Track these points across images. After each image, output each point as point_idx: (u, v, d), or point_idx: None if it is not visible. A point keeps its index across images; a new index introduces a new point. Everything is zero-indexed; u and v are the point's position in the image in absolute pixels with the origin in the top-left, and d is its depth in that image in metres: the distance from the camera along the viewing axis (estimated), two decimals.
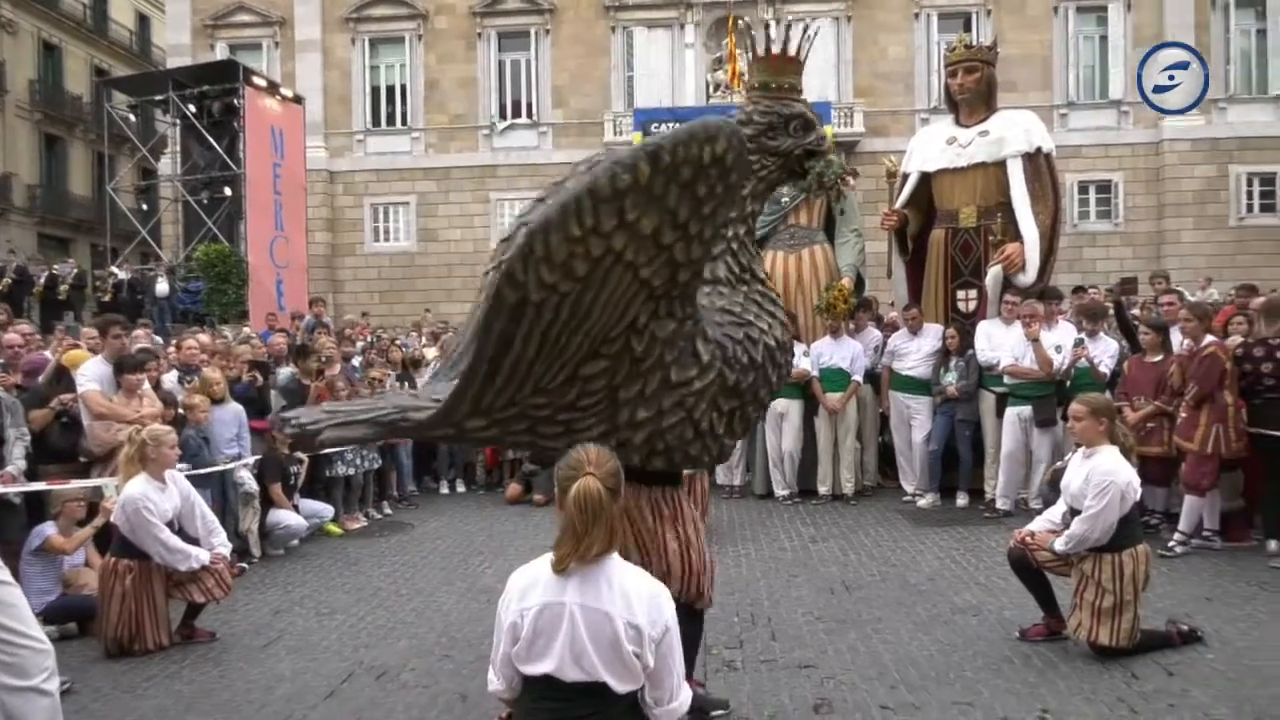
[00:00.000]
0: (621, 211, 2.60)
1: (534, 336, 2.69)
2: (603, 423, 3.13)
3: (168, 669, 4.61)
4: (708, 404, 3.25)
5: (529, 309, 2.60)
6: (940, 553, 6.38)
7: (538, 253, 2.55)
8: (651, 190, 2.63)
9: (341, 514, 7.89)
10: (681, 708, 2.34)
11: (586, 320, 2.76)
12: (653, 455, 3.28)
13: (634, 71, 24.92)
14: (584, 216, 2.56)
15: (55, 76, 29.98)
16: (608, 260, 2.65)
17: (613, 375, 3.04)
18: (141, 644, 4.80)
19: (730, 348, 3.33)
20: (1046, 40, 23.94)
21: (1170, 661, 4.20)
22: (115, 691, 4.35)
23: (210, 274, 17.92)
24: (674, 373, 3.13)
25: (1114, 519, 4.16)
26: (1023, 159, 8.01)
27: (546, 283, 2.58)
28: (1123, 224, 24.05)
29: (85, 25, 31.02)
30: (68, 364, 6.41)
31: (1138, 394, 6.61)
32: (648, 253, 2.74)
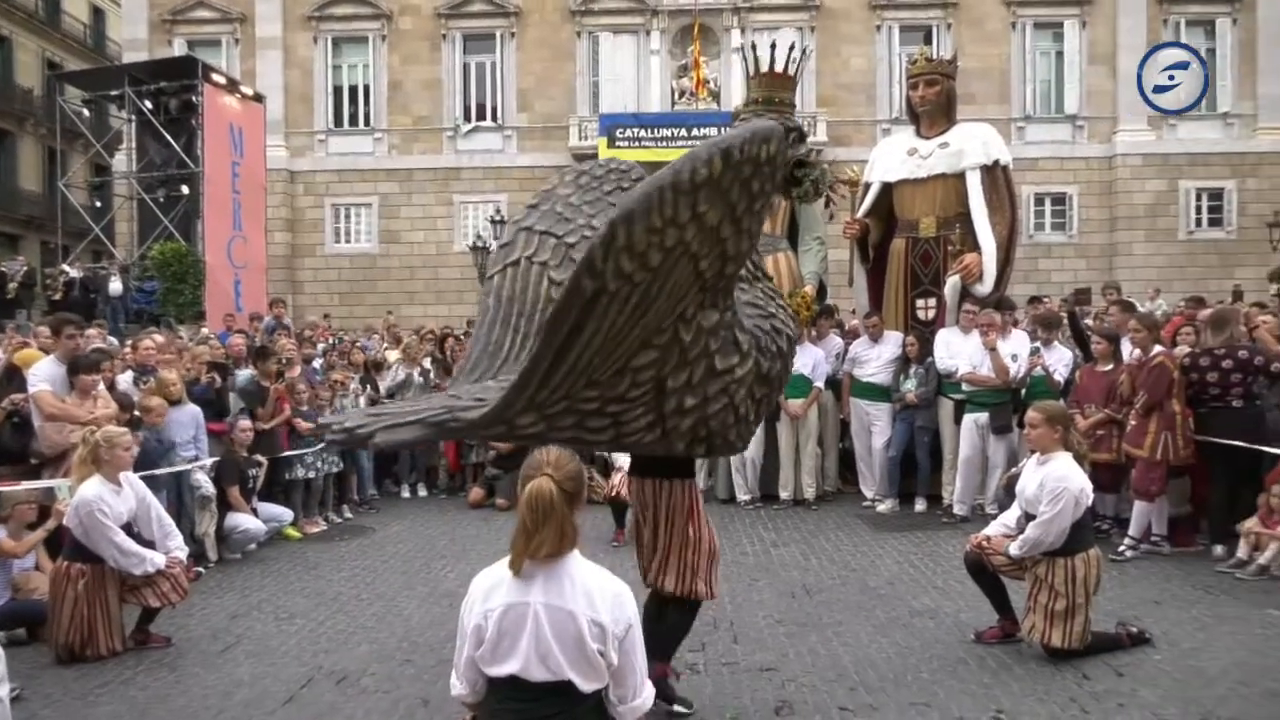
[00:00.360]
0: (695, 204, 2.73)
1: (602, 329, 2.77)
2: (650, 412, 3.26)
3: (121, 675, 4.53)
4: (746, 391, 3.43)
5: (603, 299, 2.67)
6: (899, 557, 6.48)
7: (620, 242, 2.62)
8: (721, 184, 2.76)
9: (301, 518, 7.79)
10: (645, 705, 2.37)
11: (648, 312, 2.87)
12: (696, 442, 3.43)
13: (599, 76, 24.96)
14: (665, 208, 2.67)
15: (5, 69, 29.22)
16: (677, 251, 2.77)
17: (662, 365, 3.16)
18: (94, 649, 4.70)
19: (761, 337, 3.53)
20: (1005, 54, 24.44)
21: (1120, 663, 4.32)
22: (66, 698, 4.26)
23: (166, 273, 17.58)
24: (718, 361, 3.29)
25: (1067, 524, 4.26)
26: (981, 171, 8.18)
27: (624, 272, 2.66)
28: (1077, 236, 24.61)
29: (37, 17, 30.27)
30: (19, 363, 6.27)
31: (1089, 402, 6.78)
32: (709, 245, 2.87)
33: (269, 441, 7.54)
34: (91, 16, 33.00)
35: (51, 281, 18.06)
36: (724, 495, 8.64)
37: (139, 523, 4.95)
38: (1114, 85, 24.16)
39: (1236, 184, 24.04)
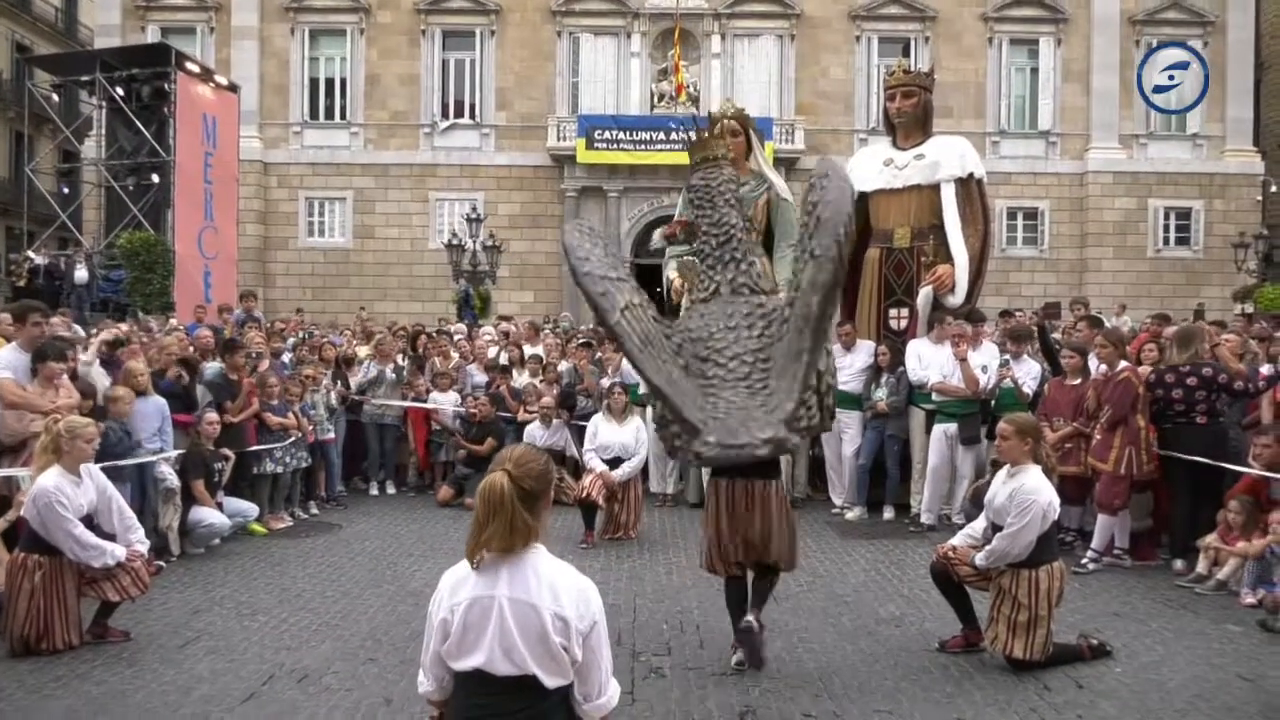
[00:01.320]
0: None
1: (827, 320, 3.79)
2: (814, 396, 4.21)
3: (77, 669, 4.44)
4: None
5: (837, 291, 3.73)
6: (866, 565, 6.52)
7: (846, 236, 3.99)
8: None
9: (267, 513, 7.69)
10: (610, 703, 2.37)
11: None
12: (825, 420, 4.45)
13: (579, 77, 24.95)
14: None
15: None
16: None
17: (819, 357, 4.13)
18: (50, 643, 4.61)
19: None
20: (981, 69, 24.77)
21: (1081, 674, 4.37)
22: (20, 692, 4.17)
23: (134, 263, 17.30)
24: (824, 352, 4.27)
25: (1034, 537, 4.31)
26: (956, 183, 8.27)
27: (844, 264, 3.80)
28: (1048, 250, 24.97)
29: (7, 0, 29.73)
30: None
31: (1057, 415, 6.86)
32: None
33: (237, 435, 7.44)
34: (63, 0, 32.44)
35: (16, 268, 17.73)
36: (694, 499, 8.63)
37: (99, 515, 4.86)
38: (1087, 102, 24.57)
39: (1204, 204, 24.53)
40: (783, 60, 24.88)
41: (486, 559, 2.31)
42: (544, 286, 24.75)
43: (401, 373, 9.46)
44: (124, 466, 6.07)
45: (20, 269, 17.52)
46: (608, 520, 7.30)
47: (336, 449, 8.85)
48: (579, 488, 7.29)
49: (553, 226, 24.66)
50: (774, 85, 24.84)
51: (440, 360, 9.87)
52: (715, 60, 24.73)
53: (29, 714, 3.95)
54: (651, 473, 8.77)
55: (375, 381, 9.26)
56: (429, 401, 9.25)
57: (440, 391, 9.31)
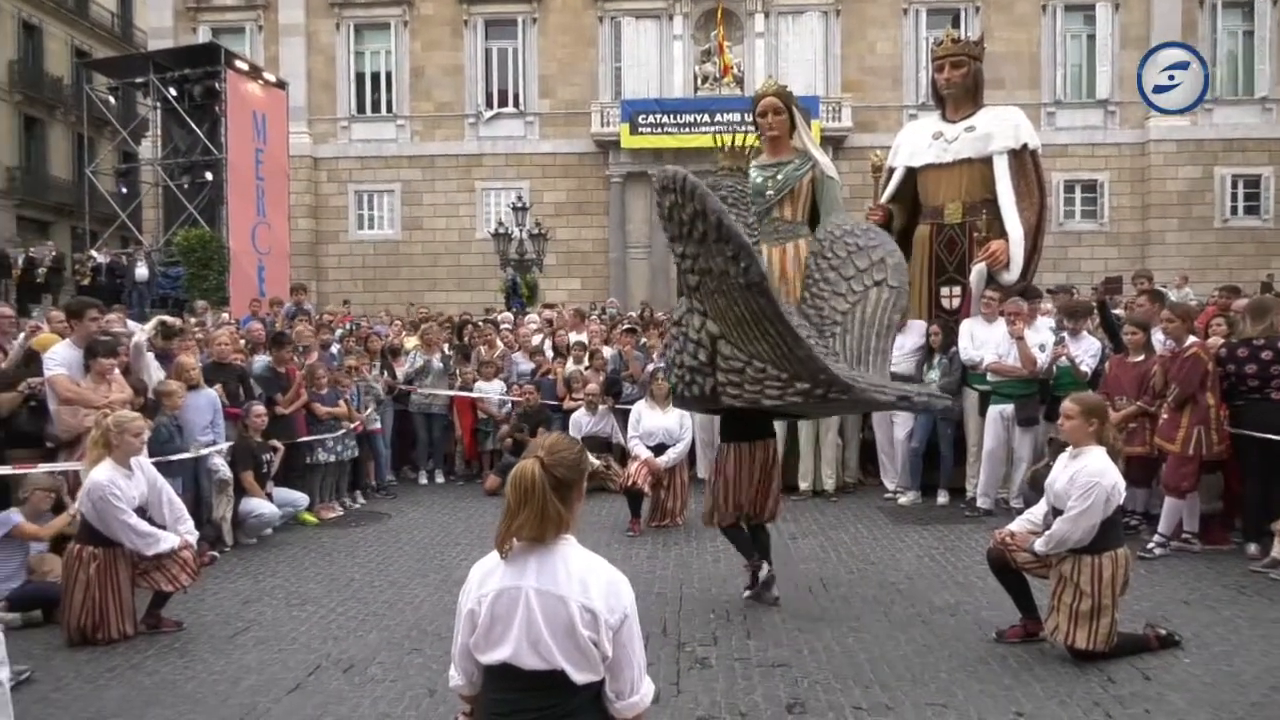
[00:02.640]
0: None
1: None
2: None
3: (131, 659, 4.52)
4: None
5: None
6: (920, 551, 6.35)
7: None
8: None
9: (317, 503, 7.78)
10: (643, 702, 2.29)
11: None
12: None
13: (622, 62, 24.78)
14: None
15: (36, 58, 29.51)
16: None
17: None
18: (105, 633, 4.70)
19: None
20: (1035, 38, 23.99)
21: (1147, 666, 4.17)
22: (77, 682, 4.25)
23: (190, 259, 17.71)
24: None
25: (1096, 521, 4.12)
26: (1009, 155, 7.98)
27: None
28: (1108, 224, 24.17)
29: (66, 6, 30.53)
30: (37, 347, 6.28)
31: (1119, 394, 6.58)
32: None
33: (287, 427, 7.53)
34: (119, 5, 33.26)
35: (80, 267, 18.26)
36: None
37: (150, 507, 4.93)
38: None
39: (1275, 171, 23.48)
40: (828, 37, 24.40)
41: (516, 549, 2.25)
42: (591, 273, 24.73)
43: (448, 362, 9.49)
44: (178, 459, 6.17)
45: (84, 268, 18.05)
46: (654, 507, 7.23)
47: (384, 439, 8.93)
48: (625, 475, 7.22)
49: (598, 213, 24.60)
50: (819, 63, 24.38)
51: (485, 349, 9.88)
52: (759, 39, 24.34)
53: (85, 703, 4.02)
54: (699, 459, 8.67)
55: (422, 371, 9.31)
56: (475, 390, 9.27)
57: (485, 380, 9.32)
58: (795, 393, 4.75)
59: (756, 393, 4.85)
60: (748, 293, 4.44)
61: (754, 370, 4.77)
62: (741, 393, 4.88)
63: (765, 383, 4.78)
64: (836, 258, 5.67)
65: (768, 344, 4.63)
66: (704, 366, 4.92)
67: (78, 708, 3.96)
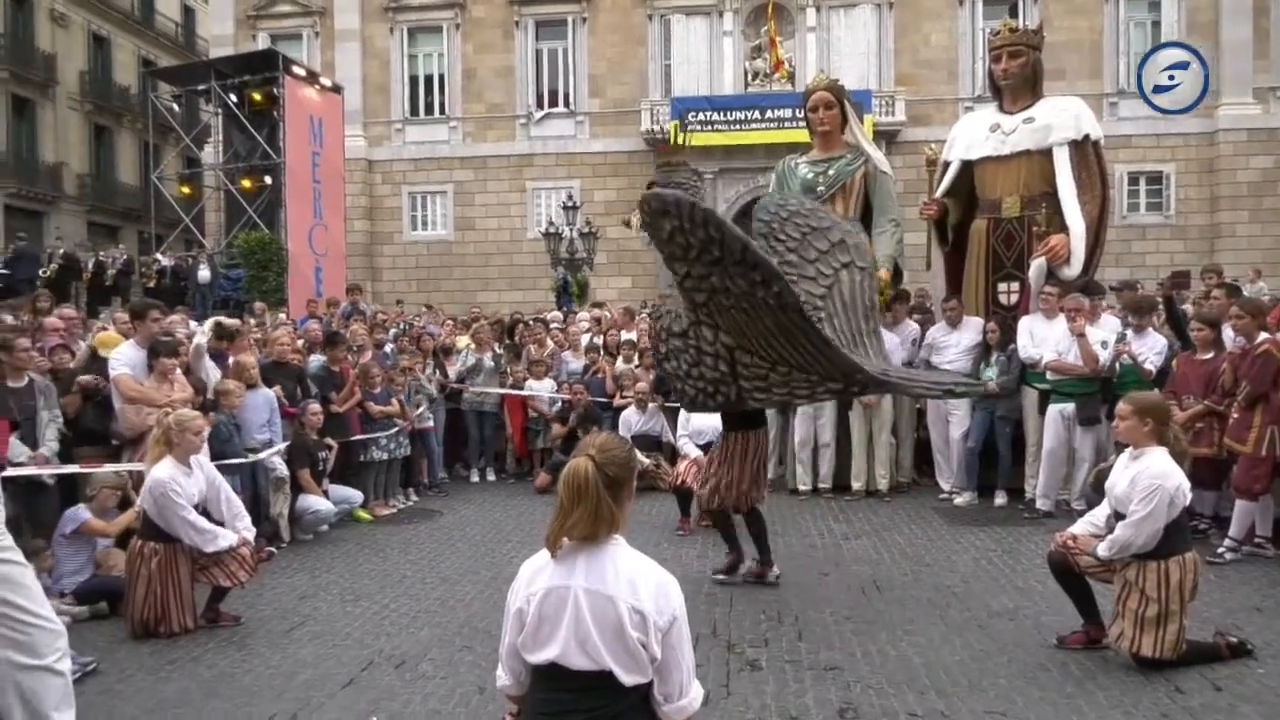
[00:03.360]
0: None
1: None
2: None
3: (192, 652, 4.62)
4: None
5: None
6: (976, 553, 6.20)
7: None
8: None
9: (371, 500, 7.90)
10: (692, 705, 2.26)
11: None
12: None
13: (671, 60, 24.72)
14: None
15: (104, 68, 30.56)
16: None
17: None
18: (167, 626, 4.82)
19: None
20: (1096, 26, 23.32)
21: (1218, 676, 4.00)
22: (140, 673, 4.36)
23: (250, 261, 18.14)
24: None
25: (1161, 525, 3.97)
26: (1070, 146, 7.74)
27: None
28: (1174, 217, 23.39)
29: (133, 17, 31.55)
30: (98, 345, 6.47)
31: (1187, 393, 6.35)
32: None
33: (341, 425, 7.65)
34: (183, 15, 34.26)
35: (146, 270, 18.84)
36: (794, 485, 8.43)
37: (209, 504, 5.05)
38: (1216, 55, 22.80)
39: None
40: (881, 30, 24.03)
41: (565, 548, 2.25)
42: (641, 271, 24.72)
43: (499, 360, 9.57)
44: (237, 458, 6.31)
45: (150, 271, 18.61)
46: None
47: (437, 437, 9.02)
48: (674, 474, 7.19)
49: None
50: (872, 56, 24.02)
51: (535, 348, 9.94)
52: (811, 34, 24.08)
53: (147, 694, 4.12)
54: None
55: (473, 370, 9.39)
56: (525, 389, 9.32)
57: (536, 379, 9.37)
58: (826, 390, 5.15)
59: (786, 394, 5.13)
60: (781, 313, 4.55)
61: (779, 375, 4.96)
62: (770, 396, 5.13)
63: (794, 385, 5.02)
64: (791, 239, 5.58)
65: (798, 352, 4.77)
66: (725, 376, 5.07)
67: (140, 699, 4.07)
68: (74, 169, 28.97)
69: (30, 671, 3.01)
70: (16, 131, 27.39)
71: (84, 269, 17.80)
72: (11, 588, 3.02)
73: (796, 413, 8.20)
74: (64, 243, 19.36)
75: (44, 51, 27.84)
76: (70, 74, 28.77)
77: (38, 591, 3.12)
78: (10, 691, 3.02)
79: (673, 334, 5.20)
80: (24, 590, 3.04)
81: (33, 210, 27.50)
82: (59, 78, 28.20)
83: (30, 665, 3.01)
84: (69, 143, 28.93)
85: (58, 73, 28.15)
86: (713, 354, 5.02)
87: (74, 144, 29.20)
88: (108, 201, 30.09)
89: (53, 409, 5.71)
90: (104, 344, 6.42)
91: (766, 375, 5.00)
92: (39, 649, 3.02)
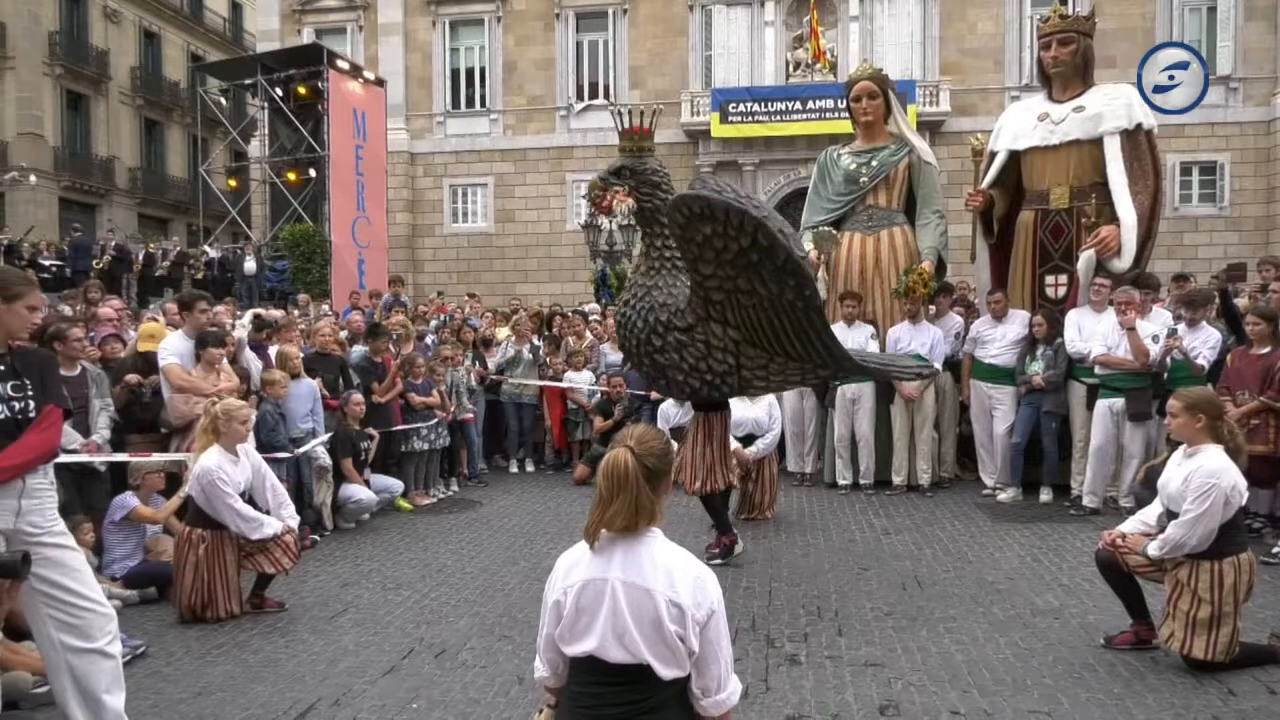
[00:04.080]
0: None
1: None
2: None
3: (237, 637, 4.71)
4: None
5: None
6: (1021, 550, 6.09)
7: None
8: None
9: (412, 490, 7.99)
10: (730, 699, 2.25)
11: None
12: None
13: (712, 51, 24.56)
14: None
15: (155, 63, 31.22)
16: None
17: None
18: (214, 612, 4.91)
19: None
20: (1149, 13, 22.69)
21: (1272, 679, 3.89)
22: (188, 657, 4.46)
23: (295, 253, 18.43)
24: None
25: (1215, 525, 3.85)
26: (1121, 136, 7.54)
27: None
28: (1228, 208, 22.72)
29: (182, 13, 32.18)
30: (144, 336, 6.61)
31: (1241, 388, 6.16)
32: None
33: (383, 415, 7.74)
34: (230, 10, 34.85)
35: (194, 261, 19.24)
36: (831, 479, 8.36)
37: (254, 492, 5.14)
38: (1275, 42, 22.11)
39: None
40: (925, 18, 23.63)
41: (603, 539, 2.24)
42: None
43: (538, 352, 9.61)
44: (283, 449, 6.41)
45: (198, 262, 19.01)
46: (742, 500, 7.15)
47: (476, 428, 9.09)
48: None
49: None
50: (916, 45, 23.64)
51: (574, 340, 9.96)
52: (853, 23, 23.76)
53: (194, 678, 4.21)
54: (788, 451, 8.55)
55: (513, 361, 9.44)
56: (564, 380, 9.35)
57: (574, 370, 9.40)
58: (815, 376, 5.70)
59: (781, 380, 5.48)
60: (807, 314, 4.80)
61: (777, 365, 5.27)
62: (768, 383, 5.46)
63: (788, 371, 5.36)
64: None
65: (804, 345, 5.03)
66: (732, 369, 5.27)
67: (187, 682, 4.15)
68: (125, 162, 29.66)
69: (82, 654, 3.08)
70: (71, 126, 28.11)
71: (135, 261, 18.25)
72: (64, 571, 3.09)
73: (836, 407, 8.13)
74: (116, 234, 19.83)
75: (97, 48, 28.52)
76: (122, 69, 29.44)
77: (89, 575, 3.20)
78: (63, 674, 3.10)
79: (673, 328, 5.20)
80: (76, 574, 3.12)
81: (87, 203, 28.22)
82: (111, 73, 28.87)
83: (82, 648, 3.08)
84: (120, 137, 29.62)
85: (110, 68, 28.82)
86: (721, 348, 5.18)
87: (125, 138, 29.89)
88: (158, 194, 30.78)
89: (105, 397, 5.84)
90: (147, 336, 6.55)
91: (766, 365, 5.26)
92: (91, 632, 3.09)
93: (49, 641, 3.08)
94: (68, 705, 3.11)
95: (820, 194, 8.84)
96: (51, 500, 3.18)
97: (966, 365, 8.07)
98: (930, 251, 8.30)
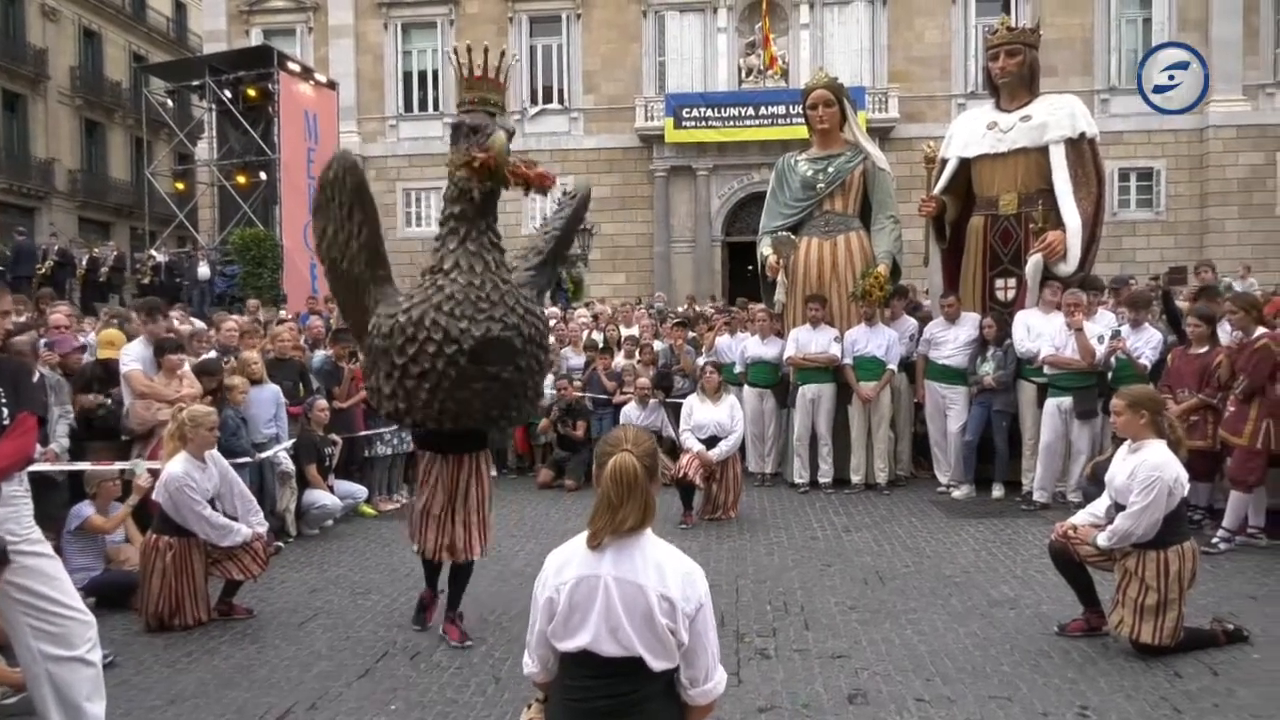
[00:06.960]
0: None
1: None
2: None
3: (206, 645, 4.68)
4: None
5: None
6: (976, 545, 6.31)
7: None
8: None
9: (376, 495, 7.96)
10: (717, 689, 2.34)
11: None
12: None
13: (666, 56, 24.75)
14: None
15: (95, 63, 30.39)
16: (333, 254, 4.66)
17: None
18: (182, 619, 4.87)
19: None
20: (1088, 24, 23.45)
21: (1215, 661, 4.12)
22: (157, 665, 4.42)
23: (245, 258, 18.11)
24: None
25: (1160, 515, 4.07)
26: (1066, 144, 7.83)
27: None
28: (1164, 212, 23.57)
29: (124, 12, 31.39)
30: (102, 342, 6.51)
31: (1181, 386, 6.46)
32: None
33: (346, 421, 7.70)
34: (174, 10, 34.10)
35: (140, 266, 18.80)
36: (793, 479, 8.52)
37: (221, 499, 5.10)
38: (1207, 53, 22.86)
39: None
40: (874, 26, 24.10)
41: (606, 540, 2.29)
42: (635, 268, 24.78)
43: None
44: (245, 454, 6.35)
45: (144, 267, 18.58)
46: (706, 500, 7.28)
47: None
48: (676, 468, 7.27)
49: (643, 208, 24.63)
50: (866, 53, 24.11)
51: None
52: (804, 31, 24.15)
53: (165, 686, 4.18)
54: (749, 452, 8.69)
55: None
56: None
57: None
58: None
59: None
60: None
61: None
62: None
63: None
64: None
65: None
66: None
67: (159, 690, 4.12)
68: (65, 164, 28.83)
69: (63, 663, 3.07)
70: (8, 127, 27.27)
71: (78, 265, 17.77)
72: (42, 580, 3.08)
73: (796, 408, 8.30)
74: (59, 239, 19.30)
75: (34, 46, 27.70)
76: (61, 69, 28.62)
77: (67, 583, 3.18)
78: (43, 683, 3.08)
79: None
80: (55, 582, 3.10)
81: (25, 206, 27.38)
82: (49, 72, 28.05)
83: (63, 656, 3.06)
84: (60, 138, 28.79)
85: (48, 67, 28.01)
86: None
87: (65, 139, 29.05)
88: (99, 197, 29.97)
89: (64, 404, 5.75)
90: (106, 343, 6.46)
91: None
92: (72, 640, 3.08)
93: (29, 651, 3.06)
94: (48, 714, 3.09)
95: (778, 199, 9.02)
96: (28, 508, 3.16)
97: (920, 367, 8.31)
98: (886, 255, 8.51)
